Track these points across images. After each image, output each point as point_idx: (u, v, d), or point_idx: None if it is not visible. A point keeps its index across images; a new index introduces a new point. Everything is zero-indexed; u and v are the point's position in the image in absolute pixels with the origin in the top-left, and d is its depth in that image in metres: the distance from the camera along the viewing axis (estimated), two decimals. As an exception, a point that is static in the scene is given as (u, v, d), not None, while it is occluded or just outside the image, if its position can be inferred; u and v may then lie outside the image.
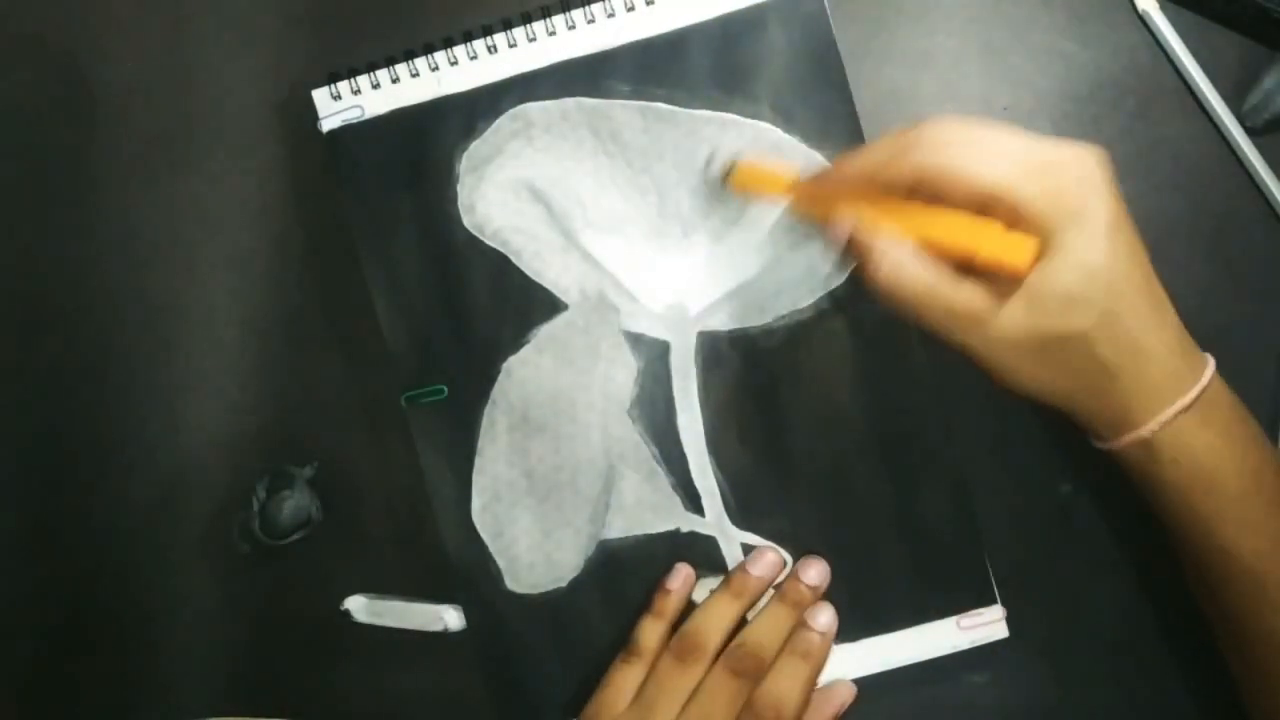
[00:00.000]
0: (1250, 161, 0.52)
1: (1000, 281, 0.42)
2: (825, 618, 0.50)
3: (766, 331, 0.52)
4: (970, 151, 0.42)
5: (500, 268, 0.53)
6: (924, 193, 0.43)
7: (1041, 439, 0.53)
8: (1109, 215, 0.41)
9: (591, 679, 0.53)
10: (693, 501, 0.53)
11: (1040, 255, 0.41)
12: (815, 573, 0.51)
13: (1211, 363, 0.44)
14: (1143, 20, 0.52)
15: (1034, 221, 0.41)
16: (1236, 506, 0.43)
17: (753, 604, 0.51)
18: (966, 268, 0.43)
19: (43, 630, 0.57)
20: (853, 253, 0.45)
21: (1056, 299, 0.41)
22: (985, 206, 0.42)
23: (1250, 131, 0.52)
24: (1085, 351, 0.42)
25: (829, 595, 0.52)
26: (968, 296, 0.42)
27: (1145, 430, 0.43)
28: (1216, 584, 0.45)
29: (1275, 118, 0.51)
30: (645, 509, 0.53)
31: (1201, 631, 0.52)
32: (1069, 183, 0.41)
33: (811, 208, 0.48)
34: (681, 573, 0.52)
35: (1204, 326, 0.52)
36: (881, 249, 0.43)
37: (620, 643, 0.52)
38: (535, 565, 0.53)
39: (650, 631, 0.51)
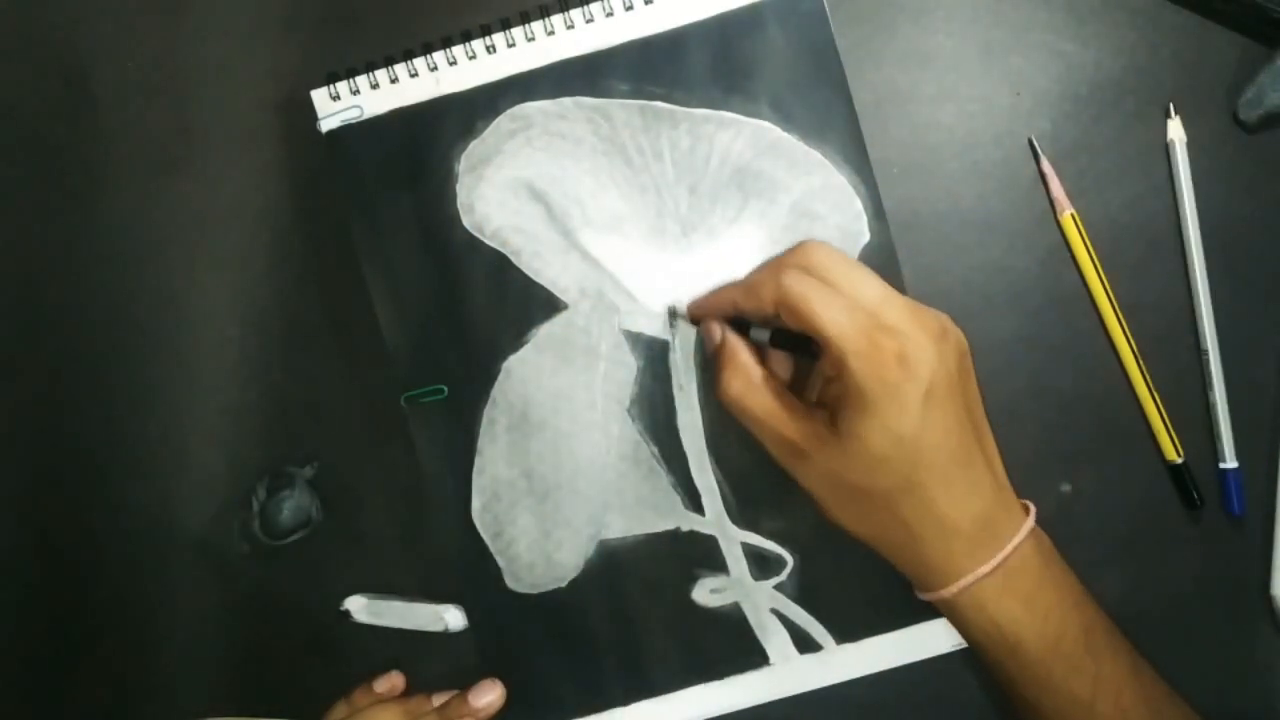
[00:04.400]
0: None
1: (833, 424, 0.45)
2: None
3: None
4: (820, 292, 0.44)
5: (499, 267, 0.53)
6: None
7: (1041, 439, 0.53)
8: (926, 390, 0.43)
9: (592, 678, 0.53)
10: (692, 501, 0.53)
11: (856, 412, 0.43)
12: (487, 699, 0.53)
13: (1023, 530, 0.46)
14: (1165, 149, 0.53)
15: (850, 380, 0.43)
16: (1036, 668, 0.45)
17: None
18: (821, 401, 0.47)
19: (43, 630, 0.57)
20: (716, 362, 0.48)
21: (864, 456, 0.44)
22: (824, 346, 0.44)
23: (1244, 127, 0.52)
24: (889, 510, 0.45)
25: (833, 593, 0.52)
26: (800, 430, 0.45)
27: (946, 592, 0.45)
28: None
29: (1269, 114, 0.51)
30: (645, 508, 0.53)
31: (1200, 631, 0.52)
32: (892, 352, 0.43)
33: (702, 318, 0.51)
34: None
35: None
36: (734, 366, 0.47)
37: (621, 642, 0.53)
38: (535, 565, 0.53)
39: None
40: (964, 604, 0.45)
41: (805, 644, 0.53)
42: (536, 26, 0.53)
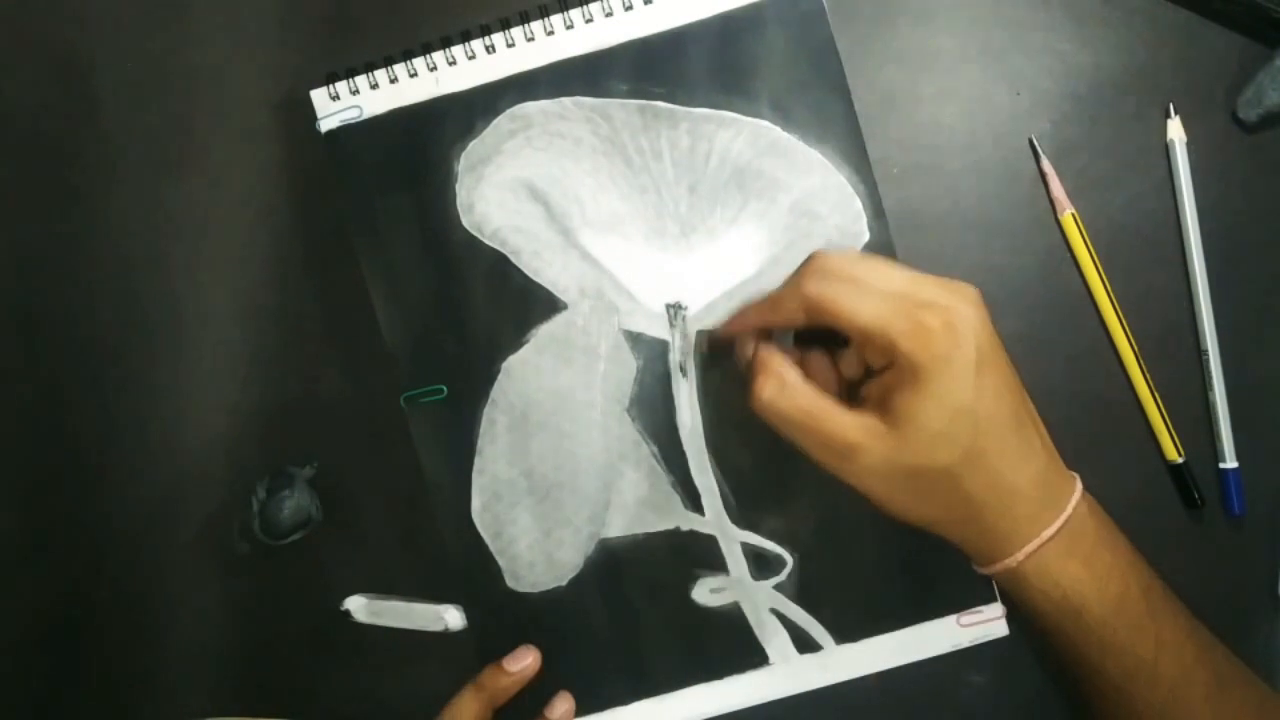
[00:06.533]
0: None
1: (883, 413, 0.43)
2: None
3: (765, 330, 0.52)
4: (848, 290, 0.43)
5: (499, 267, 0.53)
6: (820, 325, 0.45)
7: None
8: (976, 357, 0.42)
9: (592, 677, 0.53)
10: (692, 500, 0.53)
11: (911, 392, 0.42)
12: (561, 710, 0.53)
13: (1077, 491, 0.45)
14: (1165, 149, 0.53)
15: (904, 361, 0.42)
16: (1101, 630, 0.44)
17: (500, 699, 0.52)
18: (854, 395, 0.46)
19: (43, 630, 0.57)
20: (748, 375, 0.47)
21: (924, 435, 0.43)
22: (865, 339, 0.44)
23: (1243, 126, 0.52)
24: (951, 486, 0.44)
25: (832, 593, 0.52)
26: (843, 426, 0.44)
27: (1012, 560, 0.45)
28: (1090, 696, 0.47)
29: (1268, 113, 0.51)
30: (645, 508, 0.53)
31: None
32: (939, 325, 0.42)
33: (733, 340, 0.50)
34: (526, 659, 0.53)
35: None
36: (768, 372, 0.45)
37: (621, 642, 0.53)
38: (535, 564, 0.53)
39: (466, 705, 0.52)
40: (1028, 571, 0.45)
41: (805, 644, 0.53)
42: (536, 26, 0.53)
